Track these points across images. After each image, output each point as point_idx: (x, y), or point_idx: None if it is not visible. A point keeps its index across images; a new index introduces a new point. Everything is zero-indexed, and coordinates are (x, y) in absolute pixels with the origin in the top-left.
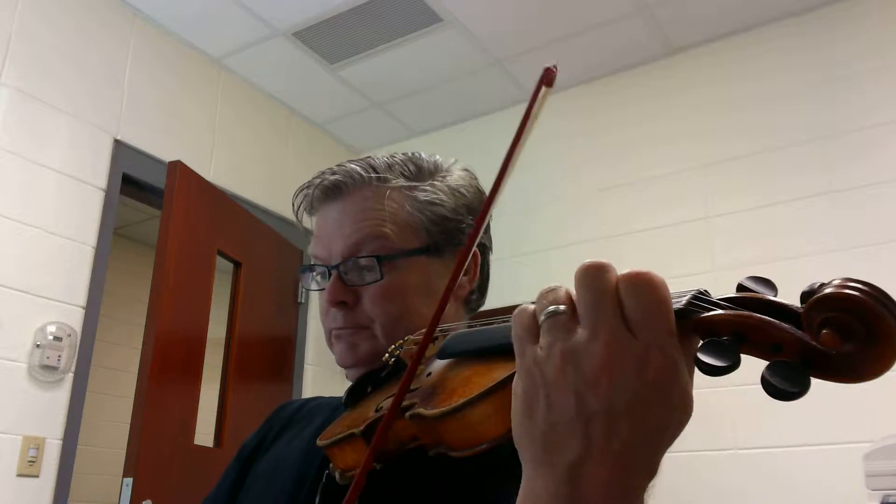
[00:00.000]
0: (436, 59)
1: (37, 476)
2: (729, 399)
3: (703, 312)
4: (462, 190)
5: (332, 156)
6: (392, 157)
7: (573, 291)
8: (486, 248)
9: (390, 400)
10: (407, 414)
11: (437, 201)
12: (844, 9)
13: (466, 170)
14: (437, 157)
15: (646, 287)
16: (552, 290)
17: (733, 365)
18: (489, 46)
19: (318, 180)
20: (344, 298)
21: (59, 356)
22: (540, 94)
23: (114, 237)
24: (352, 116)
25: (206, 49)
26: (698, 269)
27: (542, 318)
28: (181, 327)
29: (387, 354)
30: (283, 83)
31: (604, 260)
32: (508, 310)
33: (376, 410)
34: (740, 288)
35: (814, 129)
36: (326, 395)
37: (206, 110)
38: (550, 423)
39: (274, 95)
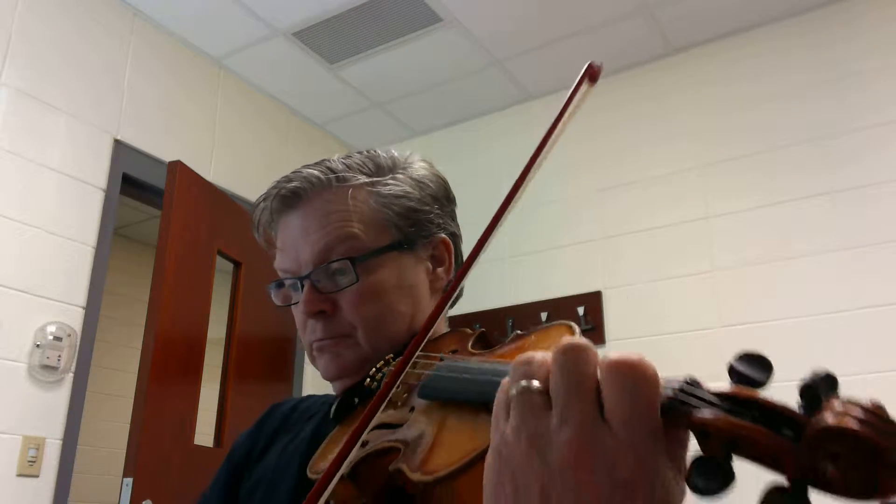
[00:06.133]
0: (436, 59)
1: (37, 476)
2: None
3: (693, 411)
4: (425, 180)
5: (332, 156)
6: (348, 157)
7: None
8: (456, 237)
9: (376, 433)
10: (391, 467)
11: (403, 193)
12: (844, 9)
13: (425, 161)
14: (394, 151)
15: (631, 380)
16: (527, 361)
17: (724, 486)
18: (489, 46)
19: (276, 190)
20: (322, 307)
21: (59, 356)
22: (581, 91)
23: (114, 237)
24: (352, 116)
25: (206, 49)
26: (697, 270)
27: (512, 392)
28: (181, 327)
29: (368, 378)
30: (283, 83)
31: (585, 341)
32: (504, 315)
33: (363, 445)
34: (731, 372)
35: (814, 129)
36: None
37: (206, 110)
38: None
39: (274, 95)
